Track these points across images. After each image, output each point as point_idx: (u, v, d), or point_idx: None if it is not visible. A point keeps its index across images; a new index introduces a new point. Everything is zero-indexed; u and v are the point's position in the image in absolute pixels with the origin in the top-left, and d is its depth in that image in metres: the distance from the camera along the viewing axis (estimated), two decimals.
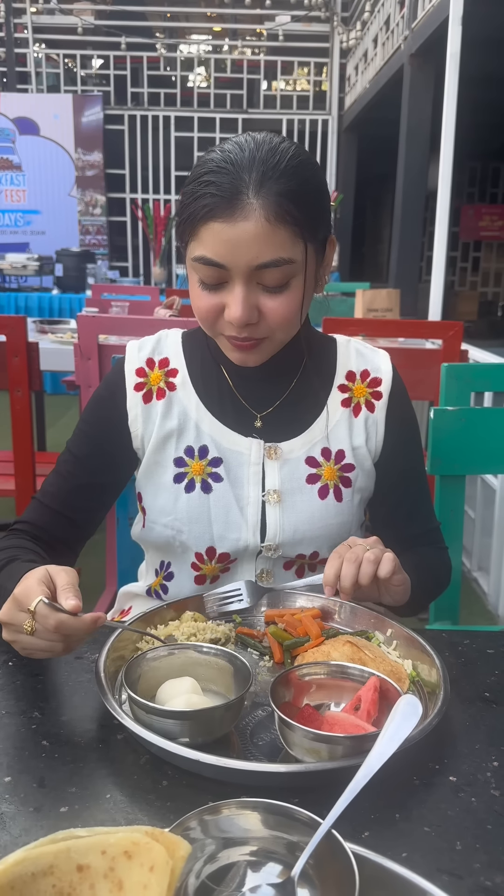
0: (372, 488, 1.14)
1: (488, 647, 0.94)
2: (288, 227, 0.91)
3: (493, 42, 5.11)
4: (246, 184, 0.89)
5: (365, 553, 0.92)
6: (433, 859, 0.60)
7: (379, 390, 1.12)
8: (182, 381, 1.10)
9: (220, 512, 1.06)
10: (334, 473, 1.09)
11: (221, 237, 0.90)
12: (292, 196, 0.90)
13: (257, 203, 0.89)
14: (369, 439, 1.11)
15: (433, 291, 4.15)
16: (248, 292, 0.93)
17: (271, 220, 0.89)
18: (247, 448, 1.07)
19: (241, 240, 0.90)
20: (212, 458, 1.07)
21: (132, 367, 1.10)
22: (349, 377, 1.13)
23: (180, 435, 1.08)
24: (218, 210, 0.89)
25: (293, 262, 0.92)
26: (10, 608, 0.79)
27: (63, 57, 9.81)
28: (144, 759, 0.71)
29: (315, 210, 0.95)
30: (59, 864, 0.49)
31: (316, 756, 0.67)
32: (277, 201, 0.89)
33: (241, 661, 0.78)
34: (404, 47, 6.12)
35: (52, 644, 0.78)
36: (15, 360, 2.24)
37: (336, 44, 9.64)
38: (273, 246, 0.90)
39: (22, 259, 7.25)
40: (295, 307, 0.96)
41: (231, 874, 0.54)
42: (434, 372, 1.80)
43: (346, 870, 0.51)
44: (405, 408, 1.16)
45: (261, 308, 0.95)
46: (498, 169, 12.63)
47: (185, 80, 10.06)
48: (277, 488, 1.07)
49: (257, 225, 0.89)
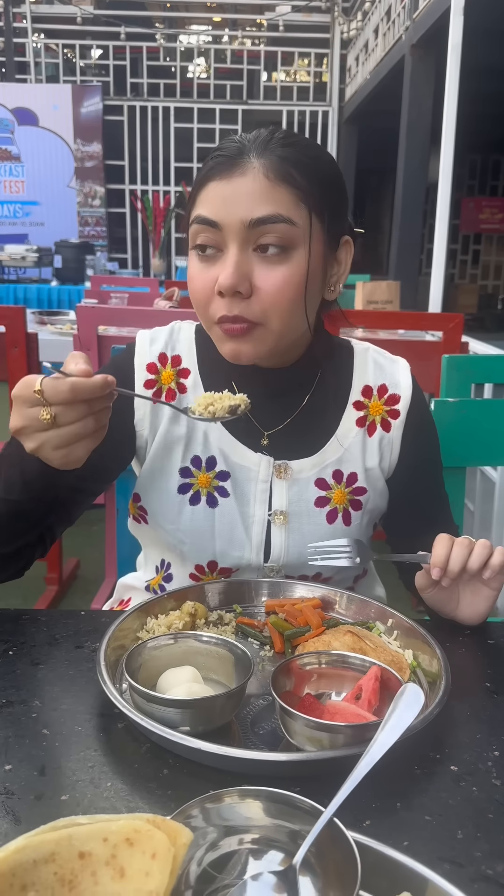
0: (384, 506, 1.10)
1: (489, 638, 0.94)
2: (289, 188, 0.87)
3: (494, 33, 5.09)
4: (249, 148, 0.88)
5: (481, 541, 0.89)
6: (434, 848, 0.60)
7: (397, 408, 1.06)
8: (193, 383, 1.04)
9: (224, 528, 1.02)
10: (345, 497, 1.04)
11: (217, 193, 0.87)
12: (296, 162, 0.87)
13: (258, 162, 0.87)
14: (383, 459, 1.06)
15: (433, 284, 4.14)
16: (241, 256, 0.87)
17: (270, 178, 0.86)
18: (255, 464, 1.03)
19: (235, 194, 0.86)
20: (219, 471, 1.02)
21: (143, 362, 1.04)
22: (365, 393, 1.06)
23: (188, 443, 1.02)
24: (217, 169, 0.88)
25: (293, 225, 0.87)
26: (18, 409, 0.72)
27: (62, 47, 9.77)
28: (145, 747, 0.70)
29: (325, 191, 0.90)
30: (60, 851, 0.49)
31: (317, 745, 0.67)
32: (279, 162, 0.87)
33: (241, 650, 0.78)
34: (405, 38, 6.09)
35: (81, 423, 0.72)
36: (14, 351, 2.24)
37: (337, 34, 9.59)
38: (270, 201, 0.86)
39: (21, 250, 7.23)
40: (293, 285, 0.88)
41: (233, 862, 0.54)
42: (434, 364, 1.79)
43: (347, 858, 0.51)
44: (424, 422, 1.10)
45: (254, 281, 0.88)
46: (499, 161, 12.59)
47: (185, 71, 10.02)
48: (284, 509, 1.03)
49: (255, 180, 0.86)
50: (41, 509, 0.91)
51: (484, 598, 0.93)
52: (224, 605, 0.98)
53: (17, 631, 0.91)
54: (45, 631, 0.91)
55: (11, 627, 0.91)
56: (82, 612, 0.97)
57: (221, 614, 0.94)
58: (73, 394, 0.71)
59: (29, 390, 0.72)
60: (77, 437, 0.74)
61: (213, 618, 0.94)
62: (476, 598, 0.93)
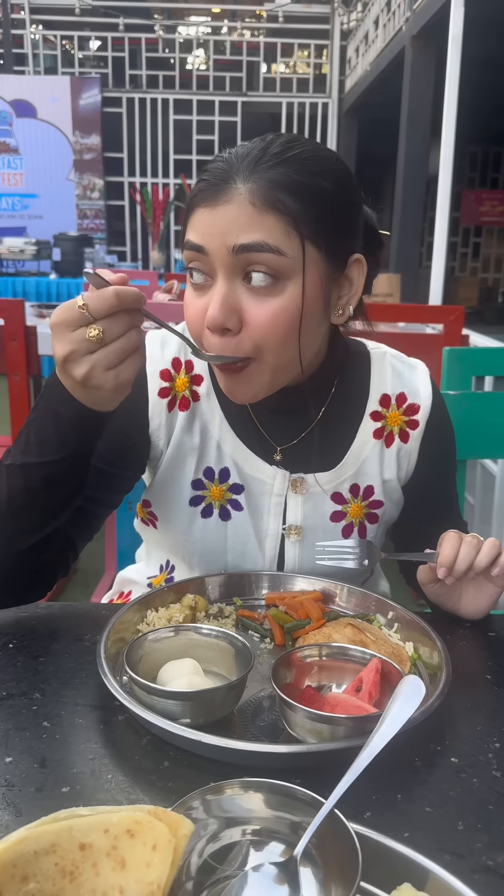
0: (397, 514, 1.08)
1: (489, 630, 0.94)
2: (278, 215, 0.79)
3: (495, 24, 5.07)
4: (237, 170, 0.81)
5: (490, 539, 0.88)
6: (435, 839, 0.60)
7: (416, 419, 1.02)
8: (206, 391, 0.99)
9: (236, 542, 1.01)
10: (361, 511, 1.02)
11: (203, 220, 0.82)
12: (289, 185, 0.80)
13: (244, 188, 0.80)
14: (400, 470, 1.04)
15: (434, 277, 4.14)
16: (228, 288, 0.82)
17: (257, 205, 0.79)
18: (270, 477, 0.99)
19: (220, 221, 0.80)
20: (232, 483, 0.99)
21: (156, 369, 0.98)
22: (383, 402, 1.02)
23: (201, 454, 0.99)
24: (202, 196, 0.83)
25: (283, 256, 0.80)
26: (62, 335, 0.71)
27: (60, 38, 9.73)
28: (146, 740, 0.70)
29: (324, 213, 0.82)
30: (61, 842, 0.49)
31: (318, 737, 0.67)
32: (268, 186, 0.80)
33: (242, 642, 0.78)
34: (406, 29, 6.06)
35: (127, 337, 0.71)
36: (13, 345, 2.24)
37: (336, 25, 9.55)
38: (256, 228, 0.79)
39: (19, 243, 7.21)
40: (286, 319, 0.82)
41: (234, 853, 0.54)
42: (434, 357, 1.79)
43: (348, 849, 0.51)
44: (443, 431, 1.06)
45: (243, 315, 0.82)
46: (499, 153, 12.56)
47: (184, 63, 9.99)
48: (299, 524, 1.00)
49: (240, 207, 0.80)
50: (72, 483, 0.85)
51: (487, 595, 0.93)
52: (224, 597, 0.98)
53: (18, 624, 0.91)
54: (45, 624, 0.91)
55: (12, 620, 0.91)
56: (82, 605, 0.97)
57: (222, 607, 0.94)
58: (118, 301, 0.70)
59: (72, 310, 0.71)
60: (125, 353, 0.73)
61: (213, 610, 0.94)
62: (479, 594, 0.93)
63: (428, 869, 0.52)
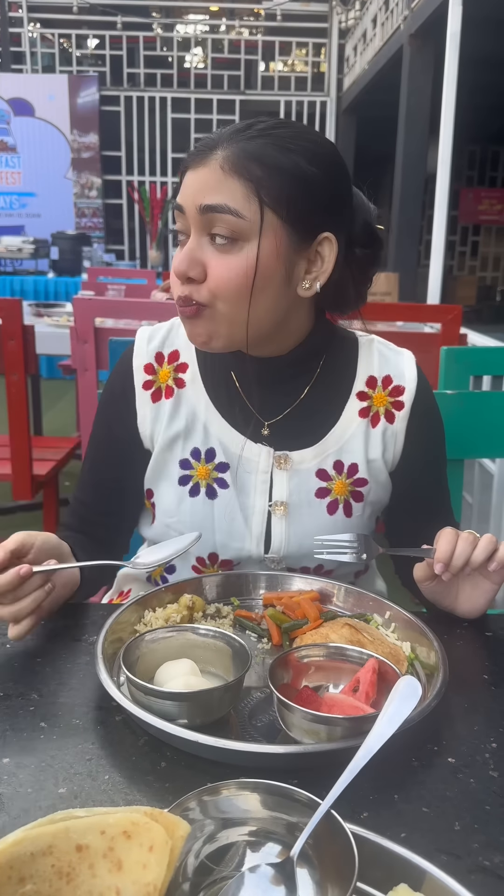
0: (386, 500, 1.10)
1: (487, 630, 0.94)
2: (241, 180, 0.87)
3: (493, 22, 5.06)
4: (220, 140, 0.90)
5: (486, 536, 0.90)
6: (432, 839, 0.60)
7: (401, 400, 1.06)
8: (192, 377, 1.05)
9: (223, 520, 1.03)
10: (346, 488, 1.04)
11: (185, 181, 0.91)
12: (259, 156, 0.87)
13: (220, 153, 0.89)
14: (386, 451, 1.06)
15: (432, 275, 4.13)
16: (195, 242, 0.91)
17: (225, 169, 0.88)
18: (256, 455, 1.03)
19: (195, 182, 0.90)
20: (218, 462, 1.03)
21: (140, 363, 1.05)
22: (370, 383, 1.06)
23: (188, 436, 1.03)
24: (188, 160, 0.91)
25: (241, 218, 0.87)
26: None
27: (58, 36, 9.71)
28: (143, 740, 0.71)
29: (291, 185, 0.88)
30: (58, 843, 0.49)
31: (315, 737, 0.67)
32: (237, 153, 0.87)
33: (239, 643, 0.78)
34: (404, 27, 6.06)
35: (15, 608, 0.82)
36: (10, 344, 2.23)
37: (335, 24, 9.54)
38: (220, 192, 0.88)
39: (17, 242, 7.19)
40: (239, 275, 0.89)
41: (230, 854, 0.54)
42: (432, 356, 1.79)
43: (345, 850, 0.51)
44: (430, 416, 1.09)
45: (206, 267, 0.90)
46: (497, 152, 12.55)
47: (182, 61, 9.97)
48: (285, 500, 1.03)
49: (211, 170, 0.88)
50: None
51: (484, 592, 0.93)
52: (222, 597, 0.98)
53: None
54: (42, 624, 0.91)
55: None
56: (80, 606, 0.97)
57: (219, 607, 0.94)
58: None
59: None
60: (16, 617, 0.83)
61: (210, 611, 0.94)
62: (476, 591, 0.93)
63: (424, 869, 0.52)
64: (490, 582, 0.92)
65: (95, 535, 1.09)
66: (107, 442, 1.09)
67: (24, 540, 0.85)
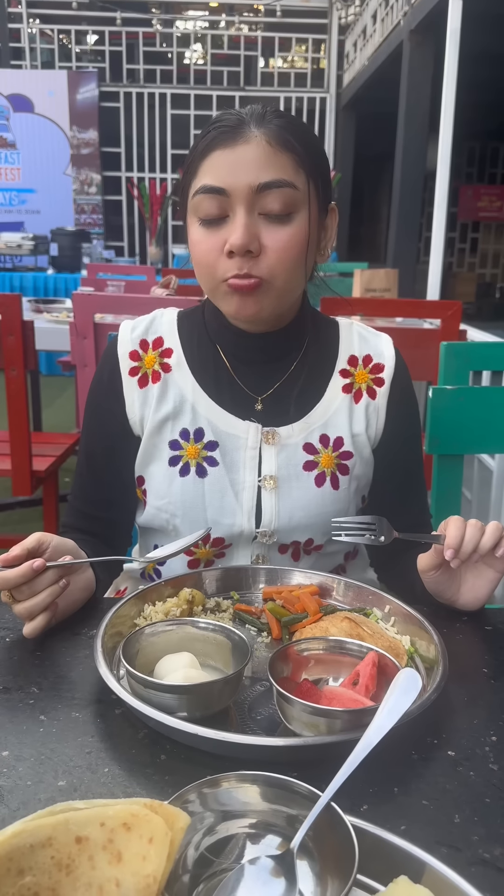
0: (370, 476, 1.12)
1: (486, 624, 0.94)
2: (289, 154, 0.92)
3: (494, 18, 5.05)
4: (248, 118, 0.93)
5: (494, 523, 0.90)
6: (432, 832, 0.60)
7: (381, 376, 1.10)
8: (177, 361, 1.07)
9: (214, 497, 1.04)
10: (332, 461, 1.07)
11: (223, 161, 0.92)
12: (292, 131, 0.94)
13: (258, 131, 0.92)
14: (369, 426, 1.09)
15: (431, 272, 4.12)
16: (249, 219, 0.92)
17: (273, 144, 0.92)
18: (244, 432, 1.05)
19: (242, 160, 0.91)
20: (207, 441, 1.05)
21: (125, 351, 1.07)
22: (351, 362, 1.10)
23: (176, 417, 1.06)
24: (219, 139, 0.92)
25: (296, 189, 0.93)
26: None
27: (57, 32, 9.68)
28: (142, 733, 0.70)
29: (316, 160, 0.96)
30: (57, 836, 0.49)
31: (314, 730, 0.67)
32: (278, 130, 0.92)
33: (238, 636, 0.78)
34: (404, 23, 6.04)
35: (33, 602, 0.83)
36: (10, 339, 2.23)
37: (334, 20, 9.52)
38: (275, 167, 0.92)
39: (17, 238, 7.17)
40: (297, 244, 0.94)
41: (230, 846, 0.54)
42: (432, 352, 1.79)
43: (345, 842, 0.51)
44: (407, 395, 1.13)
45: (262, 240, 0.93)
46: (497, 149, 12.53)
47: (182, 57, 9.94)
48: (274, 474, 1.05)
49: (259, 146, 0.91)
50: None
51: (487, 581, 0.93)
52: (222, 591, 0.98)
53: (15, 618, 0.91)
54: None
55: (9, 614, 0.91)
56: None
57: (219, 601, 0.94)
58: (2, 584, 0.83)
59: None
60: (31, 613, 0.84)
61: (210, 604, 0.94)
62: (478, 580, 0.93)
63: (424, 862, 0.52)
64: (493, 570, 0.93)
65: (96, 531, 1.09)
66: (99, 435, 1.10)
67: (42, 539, 0.87)
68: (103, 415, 1.09)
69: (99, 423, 1.10)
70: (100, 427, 1.10)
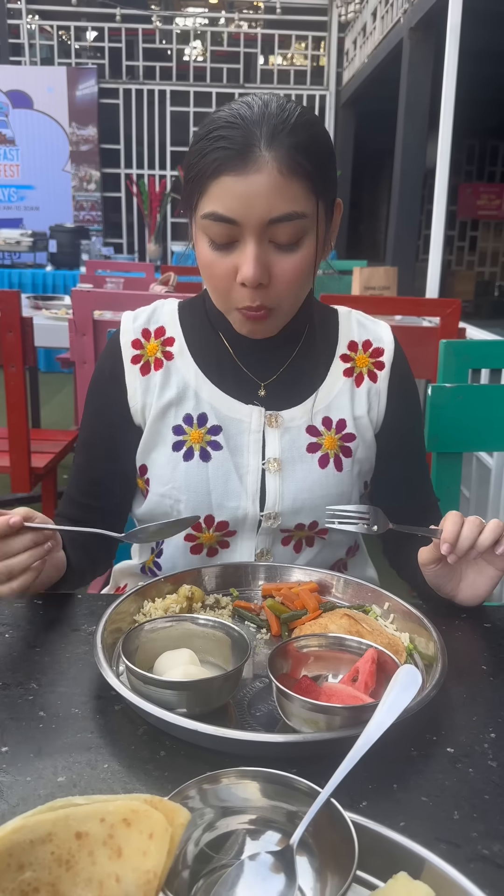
0: (373, 460, 1.13)
1: (485, 622, 0.94)
2: (301, 181, 0.89)
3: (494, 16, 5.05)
4: (257, 137, 0.87)
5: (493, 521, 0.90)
6: (431, 828, 0.60)
7: (381, 360, 1.11)
8: (179, 349, 1.08)
9: (218, 480, 1.05)
10: (335, 443, 1.08)
11: (234, 191, 0.88)
12: (304, 149, 0.89)
13: (269, 155, 0.87)
14: (371, 409, 1.10)
15: (430, 270, 4.12)
16: (260, 251, 0.90)
17: (284, 173, 0.87)
18: (247, 416, 1.06)
19: (253, 192, 0.87)
20: (211, 426, 1.05)
21: (128, 339, 1.08)
22: (351, 347, 1.11)
23: (179, 403, 1.06)
24: (229, 163, 0.87)
25: (306, 217, 0.90)
26: None
27: (57, 29, 9.66)
28: (142, 729, 0.71)
29: (325, 166, 0.93)
30: (57, 831, 0.49)
31: (314, 726, 0.67)
32: (290, 154, 0.87)
33: (238, 632, 0.78)
34: (403, 21, 6.03)
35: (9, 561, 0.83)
36: (9, 336, 2.23)
37: (334, 17, 9.50)
38: (287, 199, 0.88)
39: (15, 235, 7.16)
40: (306, 268, 0.94)
41: (230, 842, 0.54)
42: (431, 350, 1.79)
43: (344, 838, 0.51)
44: (407, 379, 1.14)
45: (272, 269, 0.92)
46: (496, 147, 12.52)
47: (182, 54, 9.93)
48: (277, 457, 1.06)
49: (270, 177, 0.87)
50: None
51: (487, 578, 0.93)
52: (221, 588, 0.98)
53: (14, 614, 0.91)
54: (41, 614, 0.91)
55: (8, 611, 0.91)
56: (79, 596, 0.97)
57: (218, 598, 0.94)
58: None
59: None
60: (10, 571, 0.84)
61: (210, 601, 0.94)
62: (479, 577, 0.94)
63: (424, 858, 0.52)
64: (494, 568, 0.93)
65: (90, 521, 1.09)
66: (99, 425, 1.10)
67: (27, 513, 0.88)
68: (104, 405, 1.09)
69: (99, 412, 1.10)
70: (100, 416, 1.10)
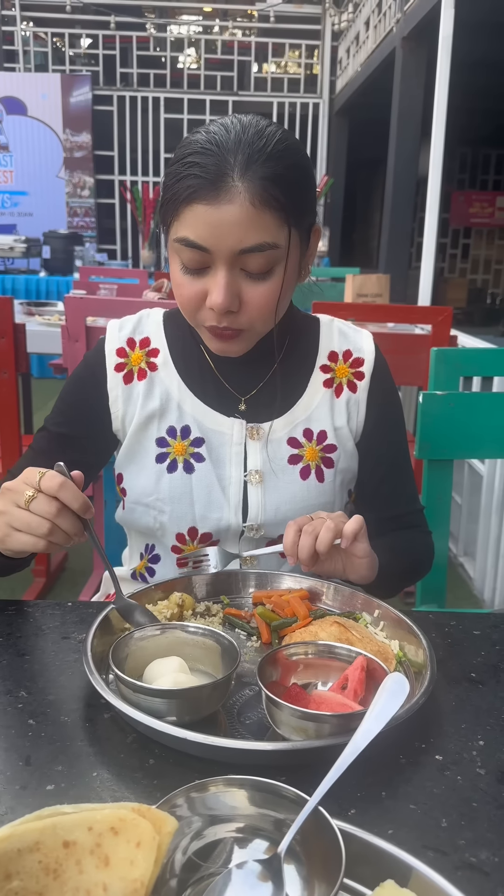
0: (355, 469, 1.13)
1: (474, 629, 0.95)
2: (273, 212, 0.89)
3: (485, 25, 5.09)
4: (231, 166, 0.87)
5: (325, 523, 0.90)
6: (419, 836, 0.60)
7: (361, 370, 1.12)
8: (163, 361, 1.09)
9: (201, 492, 1.05)
10: (316, 454, 1.09)
11: (205, 220, 0.88)
12: (278, 180, 0.88)
13: (242, 186, 0.87)
14: (351, 419, 1.11)
15: (423, 278, 4.15)
16: (230, 278, 0.91)
17: (256, 204, 0.87)
18: (229, 428, 1.07)
19: (224, 223, 0.87)
20: (194, 438, 1.07)
21: (112, 347, 1.09)
22: (331, 357, 1.12)
23: (162, 415, 1.07)
24: (202, 192, 0.87)
25: (277, 248, 0.91)
26: (19, 480, 0.83)
27: (51, 35, 9.67)
28: (131, 737, 0.70)
29: (301, 196, 0.93)
30: (45, 840, 0.49)
31: (303, 734, 0.67)
32: (263, 185, 0.87)
33: (228, 640, 0.78)
34: (396, 30, 6.07)
35: (40, 521, 0.80)
36: (1, 342, 2.22)
37: (328, 26, 9.55)
38: (257, 230, 0.88)
39: (9, 241, 7.15)
40: (275, 295, 0.94)
41: (218, 850, 0.54)
42: (423, 357, 1.79)
43: (332, 846, 0.51)
44: (388, 388, 1.15)
45: (242, 296, 0.93)
46: (489, 155, 12.60)
47: (175, 61, 9.95)
48: (259, 468, 1.07)
49: (242, 208, 0.87)
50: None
51: (359, 560, 0.93)
52: (211, 596, 0.98)
53: (4, 621, 0.91)
54: (31, 622, 0.91)
55: None
56: (69, 603, 0.97)
57: (209, 605, 0.95)
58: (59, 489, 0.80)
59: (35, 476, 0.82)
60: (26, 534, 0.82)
61: (200, 609, 0.94)
62: (351, 562, 0.94)
63: (411, 866, 0.52)
64: (355, 555, 0.93)
65: None
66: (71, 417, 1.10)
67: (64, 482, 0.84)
68: (82, 401, 1.10)
69: (76, 406, 1.11)
70: (78, 409, 1.10)
